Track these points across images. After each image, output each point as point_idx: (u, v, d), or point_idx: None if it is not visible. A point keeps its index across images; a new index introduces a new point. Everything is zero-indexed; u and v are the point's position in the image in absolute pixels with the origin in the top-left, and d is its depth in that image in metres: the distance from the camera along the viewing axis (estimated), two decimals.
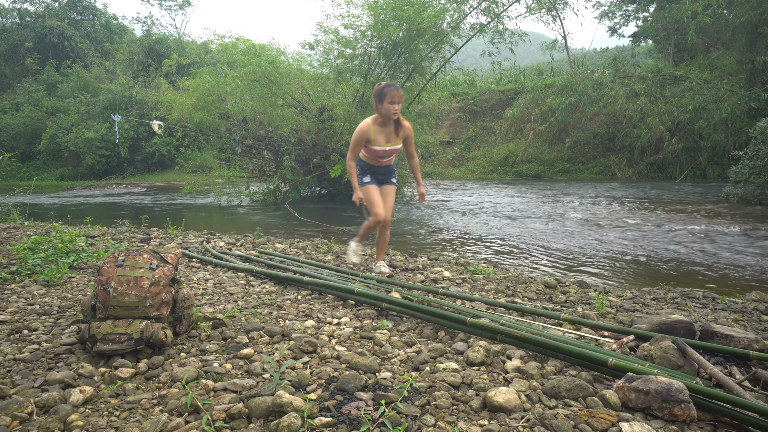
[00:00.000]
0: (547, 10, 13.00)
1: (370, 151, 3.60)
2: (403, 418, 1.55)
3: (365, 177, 3.68)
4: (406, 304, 2.61)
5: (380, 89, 3.39)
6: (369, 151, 3.60)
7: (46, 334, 2.28)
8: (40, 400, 1.60)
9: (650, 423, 1.56)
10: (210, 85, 10.14)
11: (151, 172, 23.22)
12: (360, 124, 3.53)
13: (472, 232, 6.73)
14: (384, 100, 3.36)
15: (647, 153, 15.75)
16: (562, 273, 4.38)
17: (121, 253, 2.15)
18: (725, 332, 2.21)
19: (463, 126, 21.60)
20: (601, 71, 17.71)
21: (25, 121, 24.24)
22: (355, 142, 3.54)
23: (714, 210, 8.07)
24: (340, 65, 10.43)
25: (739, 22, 14.32)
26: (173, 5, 38.04)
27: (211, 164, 12.67)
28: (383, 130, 3.53)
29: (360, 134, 3.50)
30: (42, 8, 30.76)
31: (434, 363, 2.01)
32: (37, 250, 3.77)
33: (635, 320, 2.51)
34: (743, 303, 3.27)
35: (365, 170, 3.70)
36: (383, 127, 3.53)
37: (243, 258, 4.28)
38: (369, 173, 3.70)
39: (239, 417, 1.54)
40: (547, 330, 2.39)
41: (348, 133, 9.83)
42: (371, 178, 3.70)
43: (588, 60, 26.75)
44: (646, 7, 21.38)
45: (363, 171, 3.69)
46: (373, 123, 3.51)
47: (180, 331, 2.22)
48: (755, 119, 10.75)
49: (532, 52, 32.76)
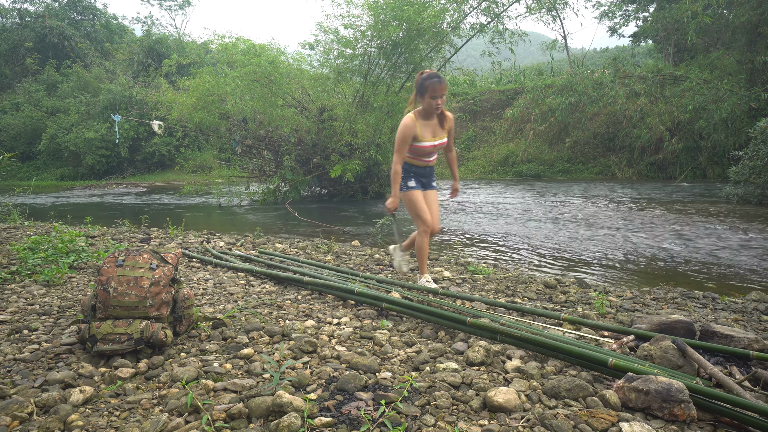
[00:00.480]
0: (547, 10, 13.02)
1: (415, 150, 3.21)
2: (403, 418, 1.55)
3: (409, 181, 3.27)
4: (406, 304, 2.61)
5: (421, 81, 3.02)
6: (414, 150, 3.21)
7: (46, 334, 2.28)
8: (40, 400, 1.60)
9: (650, 423, 1.56)
10: (210, 85, 10.15)
11: (151, 172, 23.22)
12: (403, 119, 3.13)
13: (472, 232, 6.73)
14: (425, 94, 3.01)
15: (647, 153, 15.74)
16: (562, 273, 4.38)
17: (121, 253, 2.15)
18: (725, 332, 2.21)
19: (463, 126, 21.60)
20: (601, 71, 17.71)
21: (25, 121, 24.25)
22: (401, 142, 3.12)
23: (714, 210, 8.07)
24: (340, 65, 10.44)
25: (739, 22, 14.32)
26: (173, 5, 38.08)
27: (211, 164, 12.69)
28: (428, 123, 3.17)
29: (406, 131, 3.10)
30: (42, 8, 30.77)
31: (434, 363, 2.01)
32: (37, 250, 3.77)
33: (635, 320, 2.51)
34: (743, 303, 3.27)
35: (408, 173, 3.28)
36: (427, 120, 3.17)
37: (243, 258, 4.28)
38: (413, 176, 3.29)
39: (239, 417, 1.54)
40: (547, 330, 2.39)
41: (348, 133, 9.83)
42: (416, 182, 3.29)
43: (588, 60, 26.74)
44: (646, 7, 21.38)
45: (406, 174, 3.28)
46: (416, 117, 3.14)
47: (180, 331, 2.22)
48: (755, 119, 10.75)
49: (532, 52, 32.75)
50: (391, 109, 10.16)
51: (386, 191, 11.58)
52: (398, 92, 10.71)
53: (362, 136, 9.57)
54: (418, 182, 3.32)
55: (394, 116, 10.18)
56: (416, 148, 3.20)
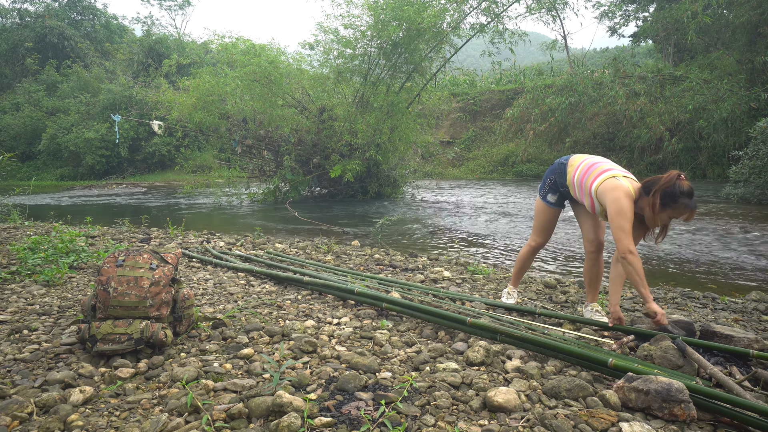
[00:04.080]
0: (547, 10, 13.02)
1: (582, 195, 2.54)
2: (403, 418, 1.55)
3: (551, 195, 2.74)
4: (406, 304, 2.61)
5: (678, 192, 2.22)
6: (581, 195, 2.55)
7: (46, 334, 2.28)
8: (40, 400, 1.60)
9: (650, 423, 1.56)
10: (210, 85, 10.15)
11: (151, 172, 23.23)
12: (623, 188, 2.33)
13: (472, 232, 6.73)
14: (669, 208, 2.25)
15: (647, 153, 15.75)
16: (562, 273, 4.38)
17: (121, 253, 2.15)
18: (725, 332, 2.21)
19: (463, 126, 21.60)
20: (601, 71, 17.73)
21: (25, 121, 24.26)
22: (628, 218, 2.29)
23: (714, 210, 8.07)
24: (340, 65, 10.44)
25: (739, 22, 14.33)
26: (173, 5, 38.09)
27: (211, 164, 12.69)
28: (636, 222, 2.41)
29: (629, 206, 2.31)
30: (42, 8, 30.78)
31: (434, 363, 2.01)
32: (37, 250, 3.77)
33: (635, 320, 2.51)
34: (743, 303, 3.27)
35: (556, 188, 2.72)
36: (636, 220, 2.41)
37: (243, 258, 4.28)
38: (559, 193, 2.73)
39: (239, 417, 1.54)
40: (547, 330, 2.39)
41: (348, 133, 9.83)
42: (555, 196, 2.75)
43: (588, 60, 26.75)
44: (646, 7, 21.40)
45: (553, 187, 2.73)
46: (634, 199, 2.36)
47: (180, 331, 2.22)
48: (755, 119, 10.75)
49: (532, 52, 32.77)
50: (391, 109, 10.16)
51: (386, 191, 11.58)
52: (398, 92, 10.72)
53: (362, 136, 9.57)
54: (561, 200, 2.75)
55: (394, 116, 10.18)
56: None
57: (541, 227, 2.83)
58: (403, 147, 10.89)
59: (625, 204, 2.30)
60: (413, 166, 12.61)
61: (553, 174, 2.71)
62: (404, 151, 11.28)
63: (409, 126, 10.67)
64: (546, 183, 2.75)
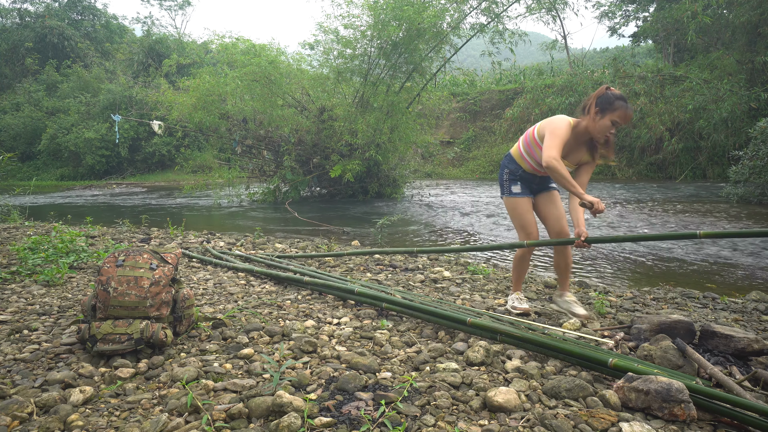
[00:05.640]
0: (547, 10, 13.03)
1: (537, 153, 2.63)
2: (403, 418, 1.55)
3: (513, 185, 2.78)
4: (406, 304, 2.61)
5: (611, 98, 2.43)
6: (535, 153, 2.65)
7: (46, 334, 2.28)
8: (40, 400, 1.60)
9: (650, 423, 1.56)
10: (210, 85, 10.15)
11: (151, 172, 23.22)
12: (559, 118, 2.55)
13: (472, 231, 6.73)
14: (607, 113, 2.43)
15: (647, 153, 15.74)
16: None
17: (121, 253, 2.15)
18: (725, 332, 2.21)
19: (463, 126, 21.60)
20: (601, 71, 17.73)
21: (25, 121, 24.26)
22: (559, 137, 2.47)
23: (714, 210, 8.07)
24: (340, 65, 10.44)
25: (739, 22, 14.32)
26: (173, 5, 38.11)
27: (211, 164, 12.68)
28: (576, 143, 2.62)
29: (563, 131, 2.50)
30: (42, 8, 30.79)
31: (434, 363, 2.01)
32: (37, 250, 3.77)
33: (635, 320, 2.51)
34: (743, 303, 3.27)
35: (515, 175, 2.78)
36: (578, 139, 2.60)
37: (244, 258, 4.28)
38: (519, 180, 2.79)
39: (239, 417, 1.54)
40: (547, 330, 2.39)
41: (348, 133, 9.83)
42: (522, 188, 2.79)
43: (588, 60, 26.75)
44: (646, 7, 21.40)
45: (512, 176, 2.79)
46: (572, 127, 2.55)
47: (180, 331, 2.22)
48: (755, 119, 10.76)
49: (532, 52, 32.75)
50: (391, 109, 10.16)
51: (386, 191, 11.58)
52: (398, 92, 10.72)
53: (362, 136, 9.57)
54: (526, 188, 2.79)
55: (394, 116, 10.18)
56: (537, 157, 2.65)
57: (521, 224, 2.79)
58: (403, 147, 10.89)
59: (559, 124, 2.51)
60: (413, 166, 12.62)
61: (506, 168, 2.83)
62: (404, 151, 11.27)
63: (409, 126, 10.67)
64: (504, 180, 2.83)
